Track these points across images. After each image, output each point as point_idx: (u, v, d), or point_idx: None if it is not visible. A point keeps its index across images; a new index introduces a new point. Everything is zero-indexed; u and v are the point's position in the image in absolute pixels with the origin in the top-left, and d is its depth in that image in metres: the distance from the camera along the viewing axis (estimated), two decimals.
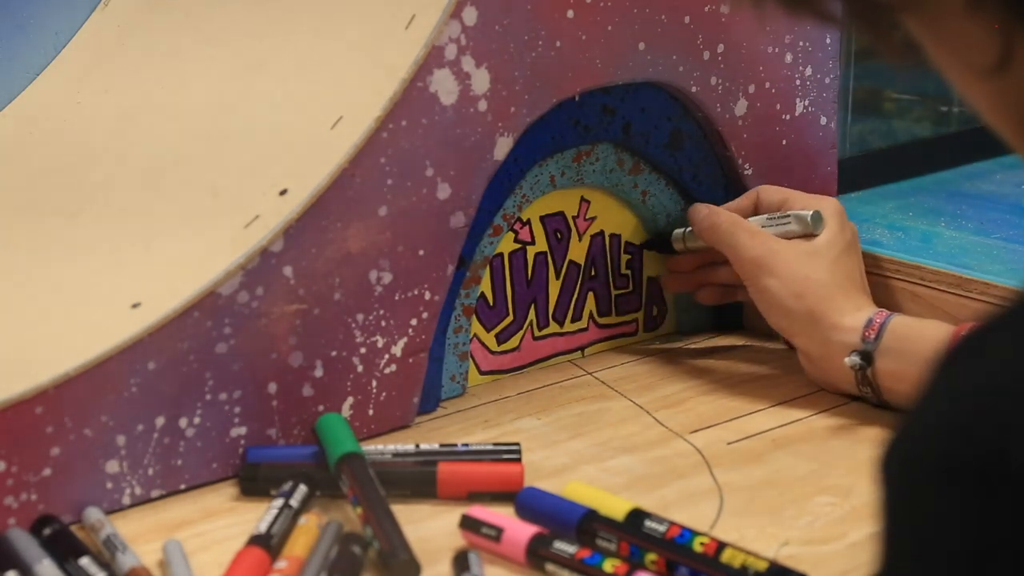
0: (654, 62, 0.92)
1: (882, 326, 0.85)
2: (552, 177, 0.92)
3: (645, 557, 0.69)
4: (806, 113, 1.02)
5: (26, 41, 0.98)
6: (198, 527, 0.74)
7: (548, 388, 0.93)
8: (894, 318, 0.85)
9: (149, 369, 0.74)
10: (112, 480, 0.74)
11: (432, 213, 0.83)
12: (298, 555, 0.69)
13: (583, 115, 0.92)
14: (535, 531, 0.70)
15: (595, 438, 0.85)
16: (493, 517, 0.71)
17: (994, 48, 0.42)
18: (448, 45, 0.82)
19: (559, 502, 0.73)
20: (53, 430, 0.71)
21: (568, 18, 0.87)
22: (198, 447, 0.77)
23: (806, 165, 1.04)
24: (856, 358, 0.84)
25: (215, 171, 0.85)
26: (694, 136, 0.98)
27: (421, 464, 0.78)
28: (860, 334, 0.85)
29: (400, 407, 0.85)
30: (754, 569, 0.67)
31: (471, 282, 0.90)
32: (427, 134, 0.82)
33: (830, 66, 1.03)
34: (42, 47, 0.99)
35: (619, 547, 0.69)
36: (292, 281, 0.78)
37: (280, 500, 0.72)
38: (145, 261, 0.80)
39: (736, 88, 0.97)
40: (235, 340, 0.77)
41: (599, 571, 0.67)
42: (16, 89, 0.98)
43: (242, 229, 0.78)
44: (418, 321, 0.84)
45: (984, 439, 0.39)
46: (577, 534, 0.71)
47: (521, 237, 0.93)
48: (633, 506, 0.73)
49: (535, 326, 0.95)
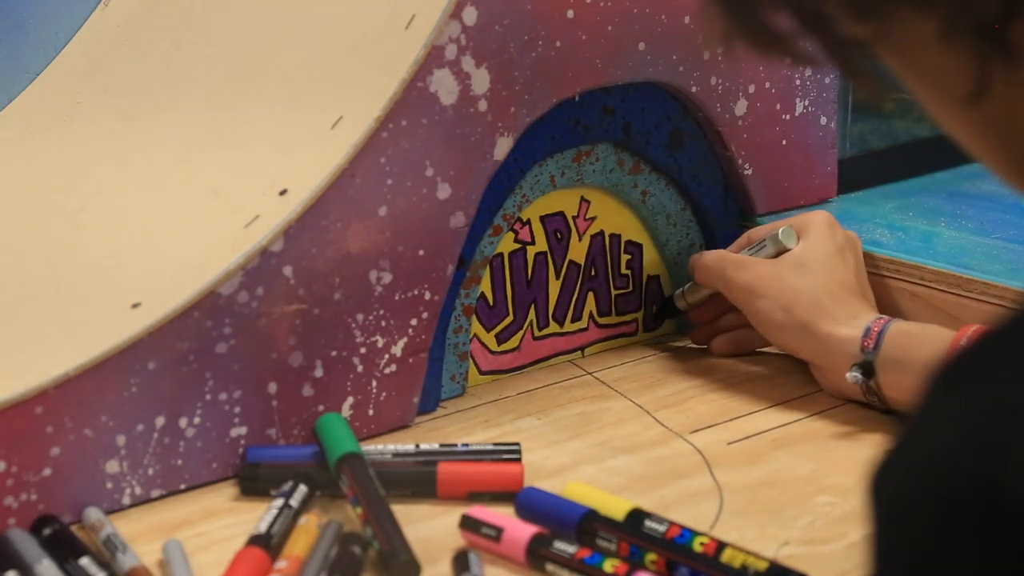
0: (654, 62, 0.92)
1: (880, 335, 0.84)
2: (552, 177, 0.92)
3: (645, 557, 0.69)
4: (806, 113, 1.02)
5: (26, 41, 0.98)
6: (198, 527, 0.74)
7: (548, 388, 0.93)
8: (892, 325, 0.84)
9: (149, 369, 0.74)
10: (112, 480, 0.74)
11: (432, 213, 0.83)
12: (298, 555, 0.69)
13: (583, 115, 0.92)
14: (535, 531, 0.70)
15: (595, 438, 0.85)
16: (493, 517, 0.71)
17: (970, 78, 0.42)
18: (448, 45, 0.82)
19: (559, 502, 0.73)
20: (53, 430, 0.71)
21: (568, 18, 0.87)
22: (198, 447, 0.77)
23: (806, 165, 1.04)
24: (857, 373, 0.84)
25: (215, 171, 0.85)
26: (694, 136, 0.98)
27: (421, 464, 0.77)
28: (859, 344, 0.85)
29: (400, 407, 0.85)
30: (754, 569, 0.67)
31: (471, 282, 0.90)
32: (427, 134, 0.82)
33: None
34: (42, 47, 0.99)
35: (619, 547, 0.69)
36: (292, 281, 0.78)
37: (280, 500, 0.72)
38: (145, 261, 0.80)
39: (736, 88, 0.97)
40: (235, 340, 0.77)
41: (599, 571, 0.67)
42: (16, 89, 0.98)
43: (242, 229, 0.78)
44: (418, 321, 0.84)
45: (981, 472, 0.38)
46: (577, 534, 0.71)
47: (521, 237, 0.93)
48: (633, 506, 0.73)
49: (535, 326, 0.95)
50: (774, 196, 1.02)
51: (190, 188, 0.84)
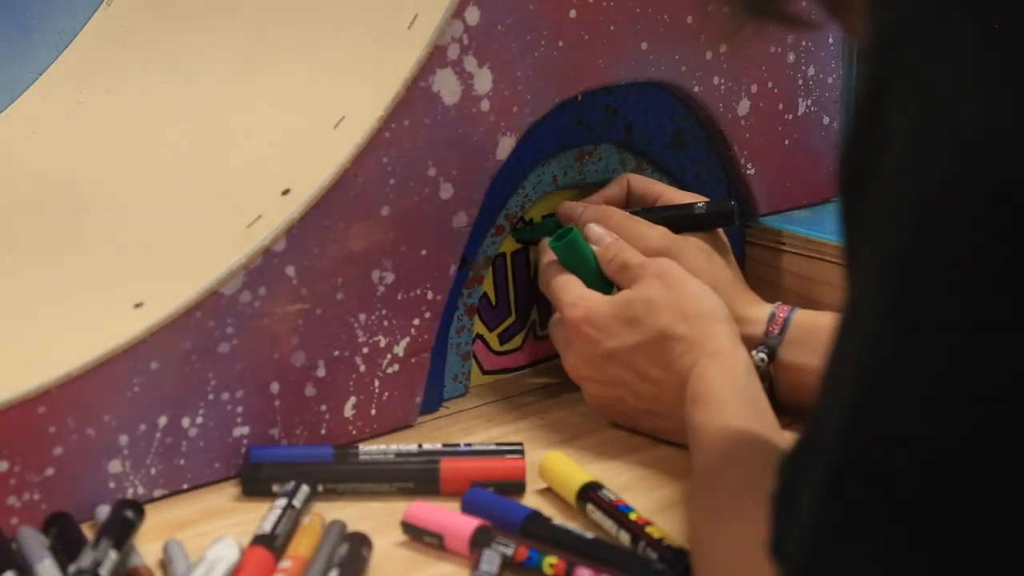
0: (656, 62, 0.92)
1: (786, 320, 0.85)
2: (555, 177, 0.92)
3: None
4: (809, 113, 1.02)
5: (29, 41, 0.99)
6: (200, 527, 0.74)
7: (550, 387, 0.93)
8: (797, 311, 0.85)
9: (152, 369, 0.74)
10: (115, 480, 0.74)
11: (434, 213, 0.83)
12: (302, 555, 0.69)
13: (586, 115, 0.92)
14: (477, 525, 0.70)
15: (597, 438, 0.85)
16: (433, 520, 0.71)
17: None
18: (451, 45, 0.82)
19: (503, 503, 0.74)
20: (56, 430, 0.71)
21: (571, 18, 0.87)
22: (200, 447, 0.77)
23: (808, 165, 1.04)
24: (763, 354, 0.84)
25: (217, 171, 0.85)
26: (696, 136, 0.98)
27: (424, 464, 0.77)
28: (764, 327, 0.85)
29: (403, 407, 0.85)
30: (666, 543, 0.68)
31: (473, 282, 0.90)
32: (430, 134, 0.82)
33: (833, 66, 1.03)
34: (45, 47, 0.99)
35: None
36: (294, 281, 0.78)
37: (283, 500, 0.72)
38: (148, 261, 0.80)
39: (739, 88, 0.97)
40: (237, 340, 0.77)
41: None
42: (19, 89, 0.98)
43: (244, 229, 0.78)
44: (420, 321, 0.84)
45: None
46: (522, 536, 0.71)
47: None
48: (586, 481, 0.74)
49: (537, 326, 0.95)
50: (776, 196, 1.02)
51: (193, 188, 0.84)
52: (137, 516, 0.70)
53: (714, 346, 0.78)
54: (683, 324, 0.79)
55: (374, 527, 0.71)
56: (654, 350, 0.80)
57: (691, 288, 0.81)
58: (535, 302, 0.95)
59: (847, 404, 0.43)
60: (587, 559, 0.67)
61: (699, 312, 0.80)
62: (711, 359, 0.77)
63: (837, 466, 0.43)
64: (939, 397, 0.41)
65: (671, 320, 0.80)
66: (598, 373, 0.83)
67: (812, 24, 0.49)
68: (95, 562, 0.64)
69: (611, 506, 0.72)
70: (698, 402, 0.74)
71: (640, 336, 0.81)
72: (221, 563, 0.66)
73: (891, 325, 0.42)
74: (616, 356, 0.82)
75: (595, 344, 0.82)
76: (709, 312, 0.80)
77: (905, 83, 0.41)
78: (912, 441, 0.41)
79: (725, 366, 0.76)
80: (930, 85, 0.41)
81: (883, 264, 0.42)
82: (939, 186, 0.41)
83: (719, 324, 0.79)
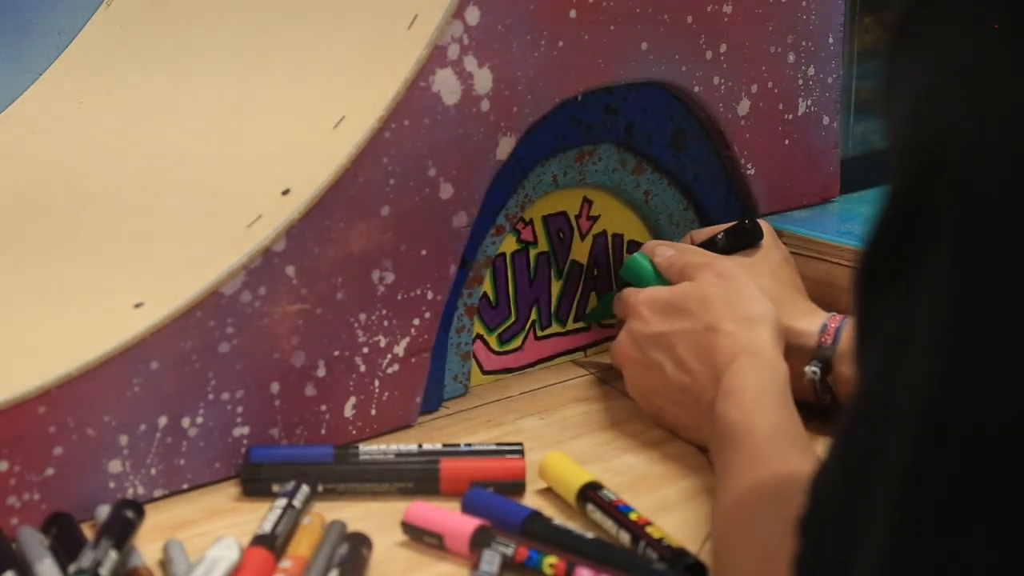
0: (657, 62, 0.92)
1: (838, 330, 0.84)
2: (555, 177, 0.92)
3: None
4: (809, 113, 1.02)
5: (29, 41, 0.99)
6: (200, 527, 0.74)
7: (551, 388, 0.93)
8: (849, 321, 0.84)
9: (152, 369, 0.74)
10: (115, 480, 0.74)
11: (435, 213, 0.83)
12: (302, 555, 0.69)
13: (586, 115, 0.92)
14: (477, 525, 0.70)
15: (597, 438, 0.85)
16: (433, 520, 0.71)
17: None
18: (451, 45, 0.82)
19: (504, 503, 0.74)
20: (56, 430, 0.71)
21: (571, 18, 0.87)
22: (200, 447, 0.77)
23: (809, 165, 1.04)
24: (816, 367, 0.83)
25: (217, 170, 0.85)
26: (697, 136, 0.98)
27: (424, 464, 0.78)
28: (816, 339, 0.85)
29: (403, 407, 0.85)
30: (667, 543, 0.69)
31: (473, 282, 0.90)
32: (430, 134, 0.82)
33: (833, 66, 1.03)
34: (45, 47, 0.99)
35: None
36: (295, 281, 0.78)
37: (283, 500, 0.72)
38: (148, 261, 0.80)
39: (739, 88, 0.97)
40: (238, 340, 0.77)
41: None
42: (19, 89, 0.98)
43: (244, 229, 0.78)
44: (420, 321, 0.84)
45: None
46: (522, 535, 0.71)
47: (524, 237, 0.93)
48: (586, 481, 0.74)
49: (538, 326, 0.95)
50: (776, 196, 1.02)
51: (193, 188, 0.84)
52: (137, 516, 0.70)
53: (757, 347, 0.79)
54: (732, 322, 0.81)
55: (374, 527, 0.71)
56: (698, 341, 0.81)
57: (747, 291, 0.83)
58: (535, 302, 0.95)
59: (916, 412, 0.43)
60: (587, 559, 0.67)
61: (749, 314, 0.81)
62: (751, 357, 0.78)
63: (912, 468, 0.43)
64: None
65: (721, 316, 0.81)
66: (640, 355, 0.85)
67: None
68: (95, 562, 0.64)
69: (611, 506, 0.72)
70: (731, 396, 0.75)
71: (688, 325, 0.82)
72: (221, 563, 0.66)
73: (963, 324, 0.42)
74: (660, 339, 0.83)
75: (645, 323, 0.85)
76: (759, 316, 0.81)
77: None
78: (995, 437, 0.42)
79: (765, 366, 0.77)
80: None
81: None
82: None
83: (766, 328, 0.81)
